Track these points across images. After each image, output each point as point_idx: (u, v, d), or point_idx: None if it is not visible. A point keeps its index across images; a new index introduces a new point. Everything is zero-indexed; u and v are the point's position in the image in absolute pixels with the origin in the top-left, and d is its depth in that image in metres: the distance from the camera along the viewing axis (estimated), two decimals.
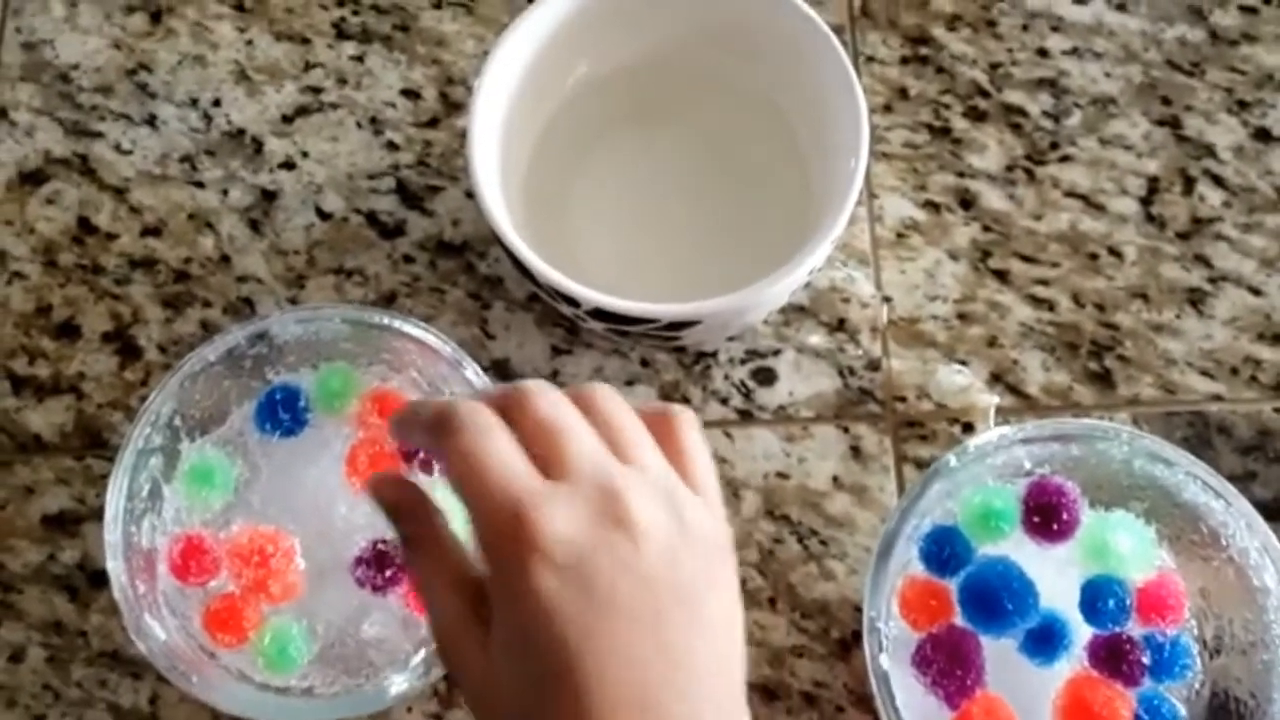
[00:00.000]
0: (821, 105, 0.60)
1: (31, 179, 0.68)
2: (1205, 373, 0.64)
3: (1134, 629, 0.54)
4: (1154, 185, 0.67)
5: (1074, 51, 0.70)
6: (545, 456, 0.36)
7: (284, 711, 0.53)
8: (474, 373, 0.56)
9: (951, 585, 0.54)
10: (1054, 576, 0.54)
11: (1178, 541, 0.55)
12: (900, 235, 0.66)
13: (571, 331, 0.65)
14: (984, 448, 0.54)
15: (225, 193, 0.68)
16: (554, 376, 0.64)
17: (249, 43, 0.71)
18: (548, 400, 0.38)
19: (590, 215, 0.65)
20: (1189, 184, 0.67)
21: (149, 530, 0.55)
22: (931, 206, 0.67)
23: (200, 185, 0.68)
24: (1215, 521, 0.54)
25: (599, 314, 0.56)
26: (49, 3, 0.72)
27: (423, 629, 0.55)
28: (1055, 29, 0.71)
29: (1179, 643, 0.53)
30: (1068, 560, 0.55)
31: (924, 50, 0.70)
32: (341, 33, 0.71)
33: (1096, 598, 0.54)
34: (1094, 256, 0.66)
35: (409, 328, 0.56)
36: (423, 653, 0.54)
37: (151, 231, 0.67)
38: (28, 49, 0.71)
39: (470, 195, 0.67)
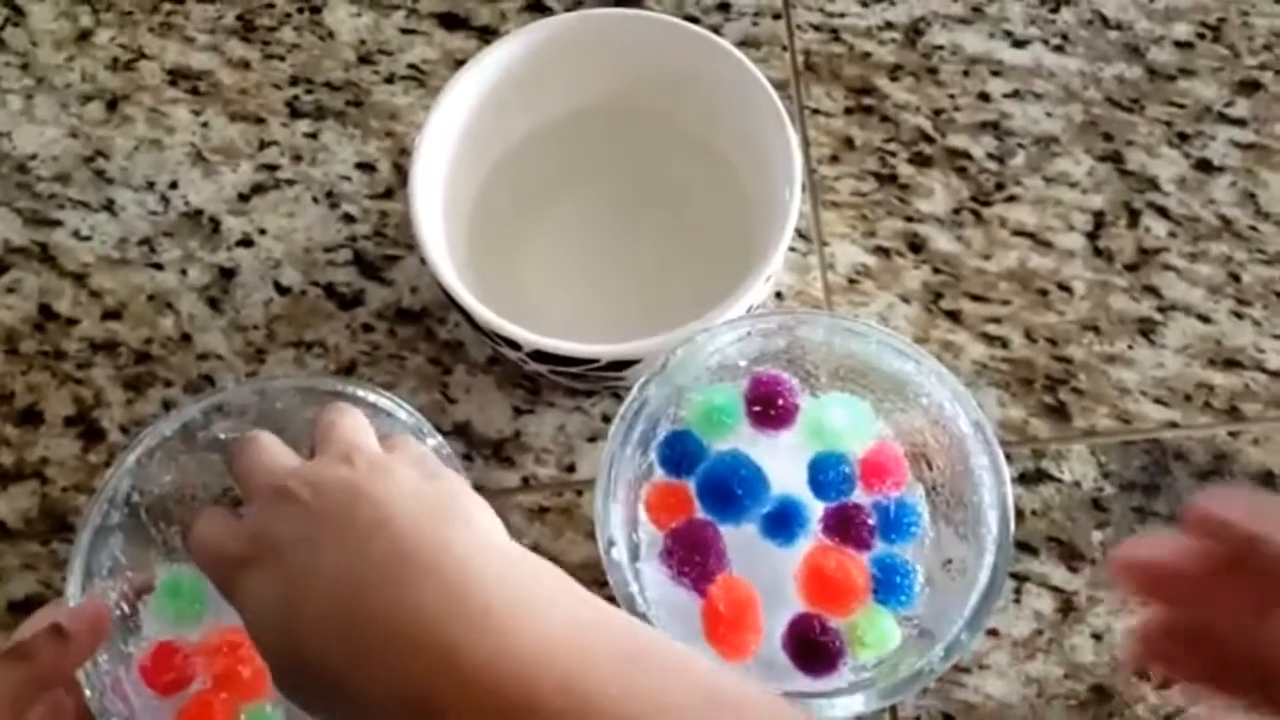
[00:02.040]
0: (756, 144, 0.62)
1: None
2: (1159, 400, 0.64)
3: (860, 497, 0.56)
4: (1100, 220, 0.68)
5: (1015, 94, 0.72)
6: (247, 491, 0.46)
7: None
8: (430, 433, 0.56)
9: (689, 484, 0.56)
10: (787, 464, 0.56)
11: (890, 410, 0.57)
12: (852, 281, 0.67)
13: (533, 392, 0.66)
14: (691, 350, 0.55)
15: (184, 273, 0.69)
16: (517, 437, 0.65)
17: (204, 125, 0.72)
18: (257, 481, 0.46)
19: (537, 264, 0.66)
20: (1134, 217, 0.68)
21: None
22: (882, 251, 0.68)
23: (159, 267, 0.69)
24: (913, 383, 0.56)
25: (540, 356, 0.58)
26: (5, 96, 0.73)
27: None
28: (995, 73, 0.72)
29: (904, 504, 0.56)
30: (796, 446, 0.57)
31: (867, 100, 0.72)
32: (295, 111, 0.72)
33: (818, 472, 0.56)
34: (1044, 292, 0.67)
35: (363, 393, 0.56)
36: None
37: (112, 315, 0.68)
38: None
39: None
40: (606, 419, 0.65)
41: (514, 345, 0.58)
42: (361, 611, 0.39)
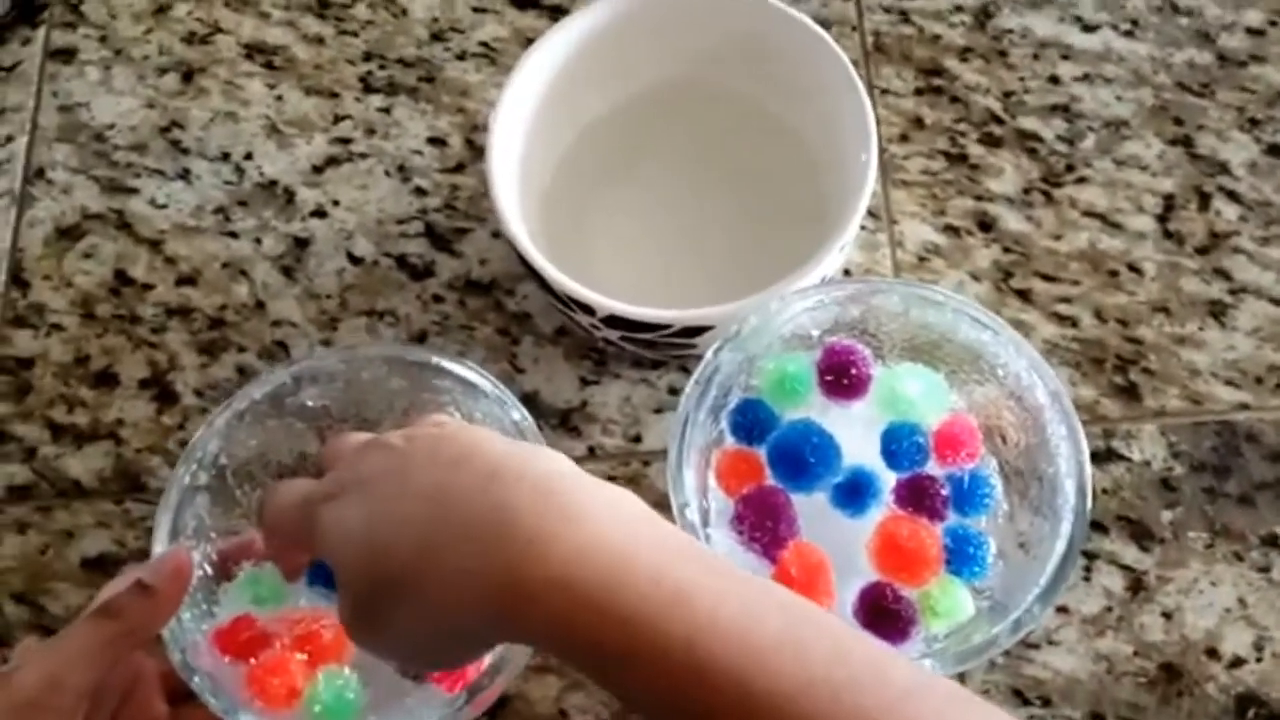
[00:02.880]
0: (829, 111, 0.63)
1: (69, 235, 0.70)
2: (1230, 382, 0.64)
3: (934, 469, 0.56)
4: (1170, 203, 0.68)
5: (1085, 78, 0.72)
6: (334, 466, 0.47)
7: None
8: (514, 405, 0.56)
9: (760, 451, 0.56)
10: (860, 435, 0.57)
11: (964, 382, 0.57)
12: (922, 259, 0.67)
13: (600, 363, 0.66)
14: (764, 317, 0.55)
15: (258, 241, 0.69)
16: (583, 407, 0.65)
17: (279, 98, 0.73)
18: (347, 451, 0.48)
19: (609, 237, 0.67)
20: (1204, 200, 0.68)
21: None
22: (952, 230, 0.68)
23: (234, 235, 0.70)
24: (989, 353, 0.56)
25: (613, 321, 0.58)
26: (84, 67, 0.74)
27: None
28: (1065, 57, 0.72)
29: (977, 476, 0.56)
30: (869, 417, 0.57)
31: (937, 81, 0.72)
32: (369, 86, 0.73)
33: (891, 442, 0.56)
34: (1114, 273, 0.67)
35: (449, 364, 0.56)
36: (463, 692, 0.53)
37: (187, 281, 0.69)
38: (64, 111, 0.73)
39: (497, 235, 0.68)
40: (673, 391, 0.65)
41: (588, 310, 0.58)
42: (447, 508, 0.40)
